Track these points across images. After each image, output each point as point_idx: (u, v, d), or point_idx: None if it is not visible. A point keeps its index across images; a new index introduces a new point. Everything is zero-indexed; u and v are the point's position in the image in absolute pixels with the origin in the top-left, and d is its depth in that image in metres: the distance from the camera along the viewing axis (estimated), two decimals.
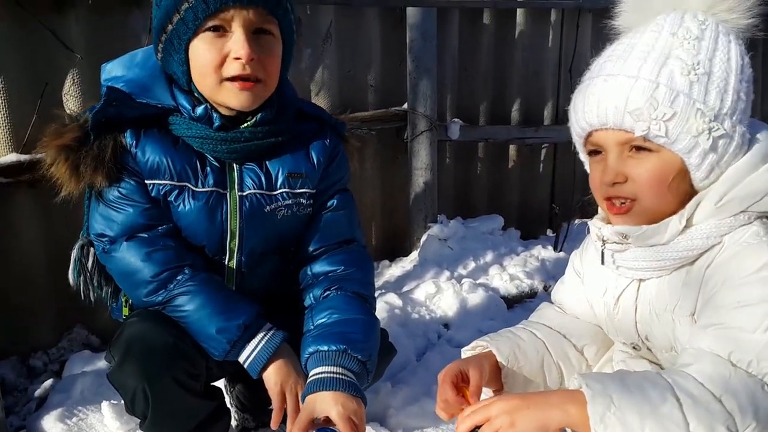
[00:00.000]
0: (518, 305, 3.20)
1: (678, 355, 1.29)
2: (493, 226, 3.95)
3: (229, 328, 1.62)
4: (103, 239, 1.66)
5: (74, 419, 2.16)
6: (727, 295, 1.21)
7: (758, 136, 1.30)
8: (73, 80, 2.60)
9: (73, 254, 1.73)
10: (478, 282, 3.28)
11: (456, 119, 3.83)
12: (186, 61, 1.60)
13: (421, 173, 3.67)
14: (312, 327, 1.71)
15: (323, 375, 1.60)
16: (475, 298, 3.09)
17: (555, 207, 4.17)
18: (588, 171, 1.44)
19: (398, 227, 3.81)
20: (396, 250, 3.78)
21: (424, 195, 3.69)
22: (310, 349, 1.65)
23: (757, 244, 1.22)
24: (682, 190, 1.29)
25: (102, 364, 2.38)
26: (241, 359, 1.65)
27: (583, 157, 1.44)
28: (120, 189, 1.63)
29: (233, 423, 2.14)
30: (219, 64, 1.57)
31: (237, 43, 1.55)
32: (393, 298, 2.96)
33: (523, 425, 1.16)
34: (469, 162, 4.08)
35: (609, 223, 1.39)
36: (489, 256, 3.61)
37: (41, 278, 2.63)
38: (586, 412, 1.12)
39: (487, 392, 1.47)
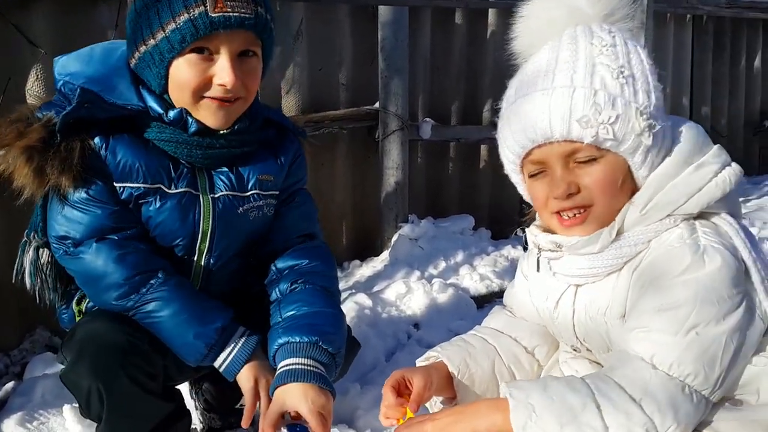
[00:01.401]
0: (488, 305, 3.19)
1: None
2: (463, 226, 3.96)
3: (207, 332, 1.61)
4: (66, 241, 1.61)
5: (35, 423, 2.11)
6: (651, 298, 1.23)
7: (681, 132, 1.33)
8: (37, 76, 2.55)
9: (28, 257, 1.69)
10: (448, 282, 3.28)
11: (427, 119, 3.83)
12: (165, 76, 1.57)
13: (392, 173, 3.66)
14: (281, 319, 1.71)
15: (294, 366, 1.59)
16: (446, 298, 3.09)
17: (525, 207, 4.19)
18: (523, 193, 1.46)
19: (369, 227, 3.80)
20: (366, 250, 3.77)
21: (395, 194, 3.68)
22: (281, 340, 1.64)
23: (680, 247, 1.25)
24: (630, 189, 1.32)
25: None
26: (217, 363, 1.64)
27: (516, 179, 1.45)
28: (88, 191, 1.58)
29: (199, 425, 2.11)
30: (201, 86, 1.56)
31: (223, 70, 1.54)
32: (363, 298, 2.95)
33: None
34: (440, 162, 4.08)
35: (546, 231, 1.41)
36: (459, 256, 3.62)
37: (2, 280, 2.56)
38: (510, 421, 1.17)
39: (437, 400, 1.50)
